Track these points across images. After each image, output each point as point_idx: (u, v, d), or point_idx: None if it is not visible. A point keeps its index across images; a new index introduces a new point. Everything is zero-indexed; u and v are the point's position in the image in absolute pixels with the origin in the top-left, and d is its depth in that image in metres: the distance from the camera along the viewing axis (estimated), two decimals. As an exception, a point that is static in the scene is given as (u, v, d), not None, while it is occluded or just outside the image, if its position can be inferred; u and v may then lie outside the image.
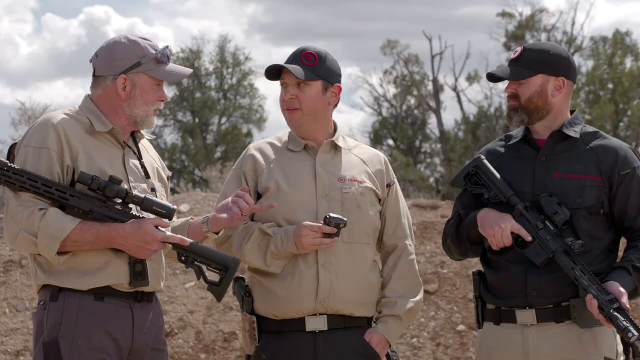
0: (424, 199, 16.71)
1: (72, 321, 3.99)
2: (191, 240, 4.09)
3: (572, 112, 4.45)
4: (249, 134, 39.92)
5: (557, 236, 4.22)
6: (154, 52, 4.17)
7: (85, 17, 58.93)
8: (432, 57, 37.64)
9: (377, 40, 57.30)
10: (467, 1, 54.86)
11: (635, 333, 4.02)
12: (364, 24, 56.18)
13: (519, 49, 4.40)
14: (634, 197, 4.29)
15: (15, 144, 4.11)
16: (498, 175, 4.35)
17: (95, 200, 4.01)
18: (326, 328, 4.32)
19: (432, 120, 38.83)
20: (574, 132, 4.35)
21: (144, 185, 4.17)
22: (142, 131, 4.28)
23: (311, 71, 4.38)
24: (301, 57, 4.39)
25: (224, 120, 40.71)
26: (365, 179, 4.45)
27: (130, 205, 4.07)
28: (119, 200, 4.04)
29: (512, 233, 4.26)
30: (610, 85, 34.00)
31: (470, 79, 37.23)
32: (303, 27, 56.03)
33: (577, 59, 37.28)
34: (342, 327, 4.34)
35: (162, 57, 4.18)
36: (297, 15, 58.12)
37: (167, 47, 4.23)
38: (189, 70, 4.27)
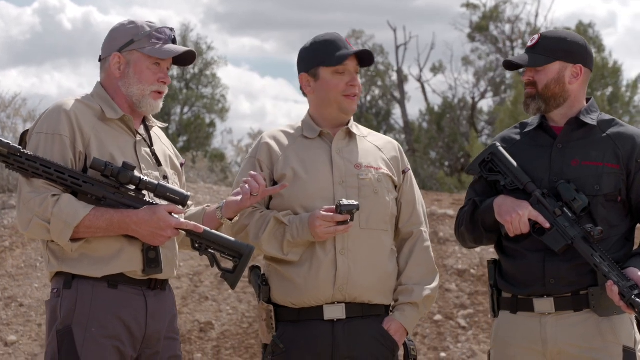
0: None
1: (86, 309, 3.95)
2: (205, 227, 4.05)
3: (587, 100, 4.42)
4: (211, 124, 39.77)
5: (576, 223, 4.19)
6: (147, 29, 4.12)
7: (40, 6, 58.15)
8: (397, 47, 37.67)
9: (336, 30, 57.14)
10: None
11: None
12: (321, 14, 56.17)
13: (536, 37, 4.37)
14: None
15: (27, 131, 4.08)
16: (514, 163, 4.32)
17: (109, 186, 3.97)
18: (344, 317, 4.28)
19: (397, 110, 38.87)
20: (590, 119, 4.32)
21: (156, 173, 4.13)
22: (152, 119, 4.23)
23: (368, 58, 4.43)
24: (347, 42, 4.40)
25: (186, 110, 40.54)
26: (381, 165, 4.42)
27: (144, 192, 4.01)
28: (132, 187, 3.98)
29: (529, 220, 4.22)
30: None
31: (435, 69, 37.26)
32: (260, 16, 55.81)
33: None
34: (361, 315, 4.30)
35: (159, 35, 4.11)
36: (253, 4, 57.93)
37: (167, 27, 4.16)
38: (184, 48, 4.16)
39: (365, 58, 4.40)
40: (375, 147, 4.48)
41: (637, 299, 4.04)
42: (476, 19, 36.86)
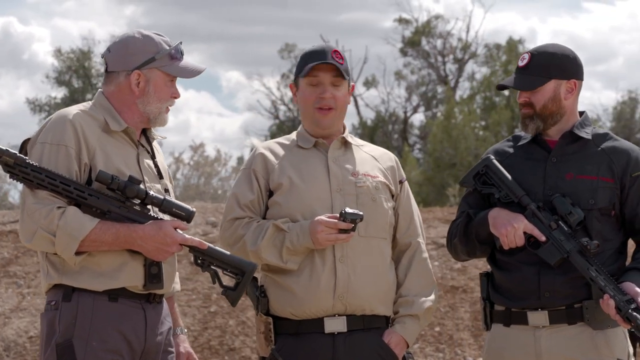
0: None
1: (87, 322, 3.91)
2: (209, 244, 4.03)
3: (580, 113, 4.46)
4: (141, 135, 39.54)
5: (571, 237, 4.23)
6: (167, 47, 4.09)
7: (-42, 15, 57.38)
8: (330, 61, 37.76)
9: (266, 43, 57.22)
10: (363, 6, 55.23)
11: None
12: (248, 27, 56.17)
13: (526, 56, 4.35)
14: None
15: (28, 139, 4.01)
16: (509, 176, 4.35)
17: (114, 200, 3.94)
18: (346, 329, 4.26)
19: (329, 124, 38.91)
20: (585, 133, 4.36)
21: (158, 186, 4.11)
22: (153, 130, 4.20)
23: (343, 69, 4.35)
24: (332, 54, 4.33)
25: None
26: (378, 174, 4.42)
27: (148, 207, 3.98)
28: (138, 201, 3.95)
29: (524, 233, 4.25)
30: (506, 92, 34.56)
31: (368, 83, 37.45)
32: (183, 29, 55.52)
33: (471, 66, 37.88)
34: (362, 328, 4.28)
35: (176, 53, 4.11)
36: (177, 17, 57.72)
37: (181, 43, 4.15)
38: (203, 67, 4.20)
39: (342, 70, 4.34)
40: (371, 156, 4.48)
41: (634, 313, 4.08)
42: (408, 33, 37.14)
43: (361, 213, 4.17)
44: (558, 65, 4.34)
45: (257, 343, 4.37)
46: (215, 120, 56.22)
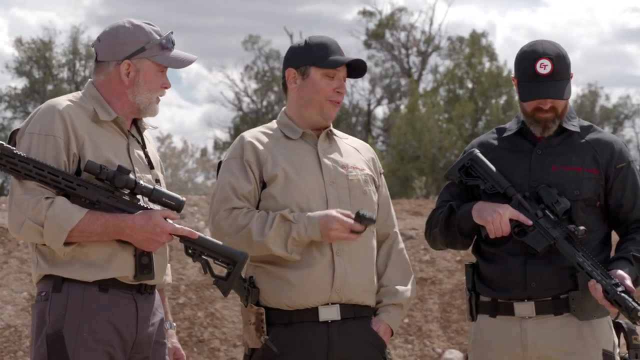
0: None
1: (77, 313, 3.88)
2: (200, 234, 4.00)
3: None
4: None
5: (558, 224, 4.26)
6: (158, 37, 4.06)
7: None
8: (293, 53, 37.74)
9: (230, 34, 57.14)
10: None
11: None
12: (208, 18, 56.05)
13: (547, 63, 4.29)
14: (629, 190, 4.36)
15: (17, 130, 3.98)
16: (494, 168, 4.37)
17: (103, 190, 3.91)
18: (339, 318, 4.26)
19: (292, 116, 38.91)
20: (572, 126, 4.39)
21: (149, 176, 4.08)
22: (144, 121, 4.17)
23: (363, 68, 4.47)
24: (341, 50, 4.40)
25: (76, 112, 39.99)
26: (364, 166, 4.44)
27: (138, 196, 3.95)
28: (127, 191, 3.92)
29: (510, 221, 4.27)
30: (469, 85, 34.73)
31: (331, 76, 37.47)
32: (142, 20, 55.30)
33: (434, 59, 38.00)
34: (353, 316, 4.30)
35: (167, 43, 4.08)
36: (137, 7, 57.51)
37: (172, 32, 4.12)
38: (194, 57, 4.18)
39: (354, 70, 4.40)
40: (354, 148, 4.49)
41: (622, 295, 4.10)
42: (372, 26, 37.20)
43: (375, 218, 4.21)
44: (568, 64, 4.36)
45: (245, 335, 4.34)
46: (175, 112, 56.08)
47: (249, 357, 4.32)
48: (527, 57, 4.33)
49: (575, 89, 42.02)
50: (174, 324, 4.32)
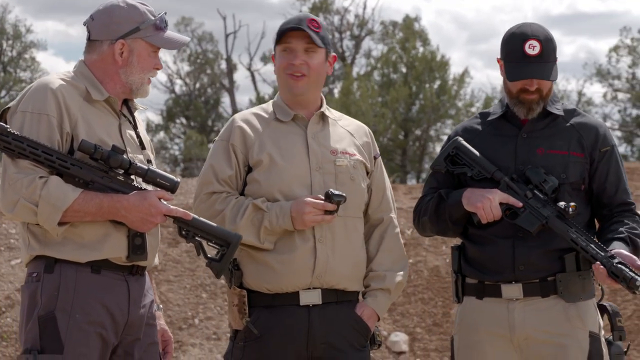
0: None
1: (70, 294, 3.84)
2: (194, 215, 3.98)
3: None
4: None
5: (548, 203, 4.28)
6: (152, 18, 4.03)
7: None
8: (226, 36, 37.57)
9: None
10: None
11: None
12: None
13: (536, 44, 4.31)
14: (613, 173, 4.40)
15: (8, 108, 3.91)
16: (478, 154, 4.38)
17: (97, 170, 3.87)
18: (320, 302, 4.25)
19: (226, 99, 38.82)
20: (556, 109, 4.42)
21: (141, 157, 4.04)
22: (135, 101, 4.13)
23: (319, 37, 4.32)
24: (307, 22, 4.29)
25: (3, 93, 39.47)
26: (355, 151, 4.40)
27: (132, 177, 3.91)
28: (121, 171, 3.88)
29: (500, 205, 4.28)
30: (403, 69, 34.84)
31: (266, 59, 37.38)
32: (64, 1, 54.62)
33: (368, 43, 38.08)
34: (335, 301, 4.28)
35: (161, 23, 4.05)
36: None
37: (165, 13, 4.07)
38: (187, 39, 4.17)
39: (315, 37, 4.31)
40: (347, 132, 4.45)
41: (619, 266, 4.11)
42: (306, 9, 37.14)
43: (345, 195, 4.17)
44: (555, 48, 4.38)
45: (229, 316, 4.34)
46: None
47: (233, 337, 4.32)
48: (516, 38, 4.35)
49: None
50: (161, 306, 4.28)
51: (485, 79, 69.71)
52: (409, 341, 10.35)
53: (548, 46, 4.32)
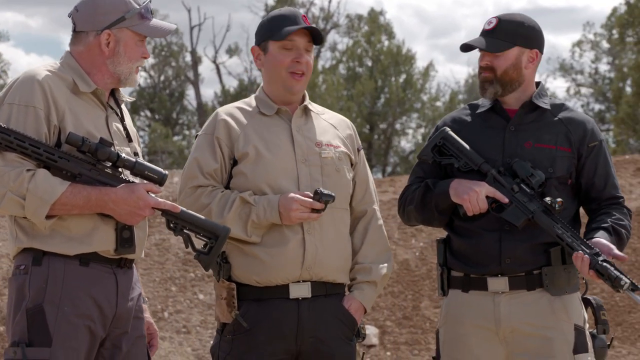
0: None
1: (58, 287, 3.81)
2: (182, 208, 3.96)
3: (537, 84, 4.53)
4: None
5: (534, 198, 4.29)
6: (137, 6, 4.00)
7: None
8: (191, 28, 37.44)
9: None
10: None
11: (627, 281, 4.12)
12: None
13: (493, 20, 4.40)
14: (601, 168, 4.42)
15: None
16: (466, 145, 4.38)
17: (85, 162, 3.84)
18: (310, 295, 4.25)
19: (191, 92, 38.69)
20: (543, 103, 4.43)
21: (128, 149, 4.02)
22: (121, 92, 4.11)
23: (320, 35, 4.35)
24: (304, 19, 4.30)
25: (-35, 86, 39.18)
26: (339, 143, 4.41)
27: (120, 169, 3.89)
28: (109, 164, 3.85)
29: (487, 198, 4.29)
30: (369, 63, 34.87)
31: (231, 51, 37.26)
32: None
33: (333, 36, 38.06)
34: (324, 294, 4.29)
35: (146, 12, 4.02)
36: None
37: (150, 1, 4.03)
38: (173, 27, 4.16)
39: (316, 35, 4.34)
40: (330, 124, 4.46)
41: (604, 264, 4.13)
42: (271, 2, 37.09)
43: (334, 194, 4.18)
44: (523, 34, 4.39)
45: (217, 309, 4.32)
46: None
47: (221, 331, 4.30)
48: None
49: (467, 69, 42.30)
50: (147, 299, 4.26)
51: (448, 72, 70.01)
52: (379, 334, 10.37)
53: (507, 26, 4.37)
